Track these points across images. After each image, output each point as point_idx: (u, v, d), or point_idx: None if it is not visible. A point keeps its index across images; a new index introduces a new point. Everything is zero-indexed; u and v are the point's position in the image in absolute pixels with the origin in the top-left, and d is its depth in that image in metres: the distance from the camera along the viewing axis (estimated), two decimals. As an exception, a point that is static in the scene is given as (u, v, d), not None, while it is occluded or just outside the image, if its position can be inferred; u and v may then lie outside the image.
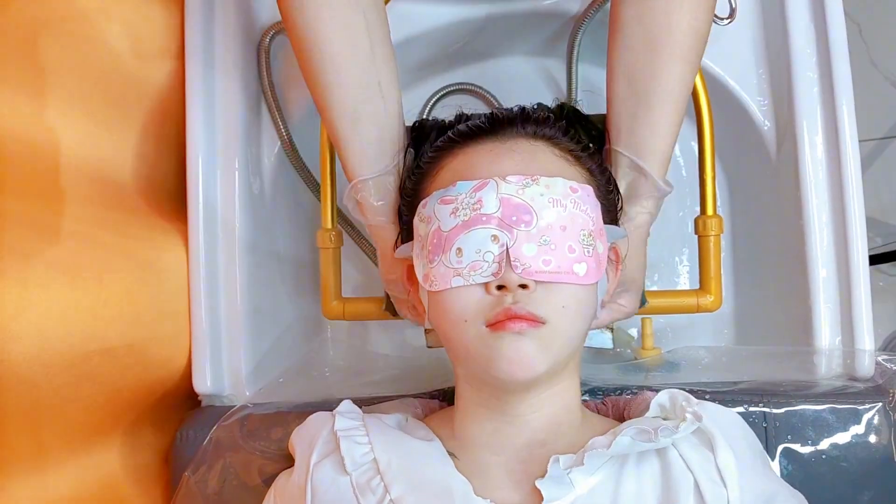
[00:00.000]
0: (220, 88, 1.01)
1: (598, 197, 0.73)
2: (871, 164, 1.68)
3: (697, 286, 0.96)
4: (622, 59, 0.79)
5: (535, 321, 0.65)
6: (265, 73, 1.05)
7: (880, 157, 1.69)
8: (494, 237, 0.67)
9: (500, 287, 0.66)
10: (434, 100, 1.19)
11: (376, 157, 0.81)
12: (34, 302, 0.68)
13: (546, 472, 0.66)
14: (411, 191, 0.78)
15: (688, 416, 0.70)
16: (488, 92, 1.18)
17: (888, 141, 1.68)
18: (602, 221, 0.72)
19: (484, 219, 0.67)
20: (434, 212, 0.71)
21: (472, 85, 1.19)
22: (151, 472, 0.93)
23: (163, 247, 0.94)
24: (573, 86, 1.10)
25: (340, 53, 0.77)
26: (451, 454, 0.72)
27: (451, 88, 1.19)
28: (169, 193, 1.00)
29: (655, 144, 0.79)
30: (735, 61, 1.03)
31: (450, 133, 0.76)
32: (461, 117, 0.83)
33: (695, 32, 0.78)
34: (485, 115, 0.77)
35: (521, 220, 0.67)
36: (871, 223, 1.63)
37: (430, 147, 0.79)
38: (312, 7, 0.76)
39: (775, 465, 0.81)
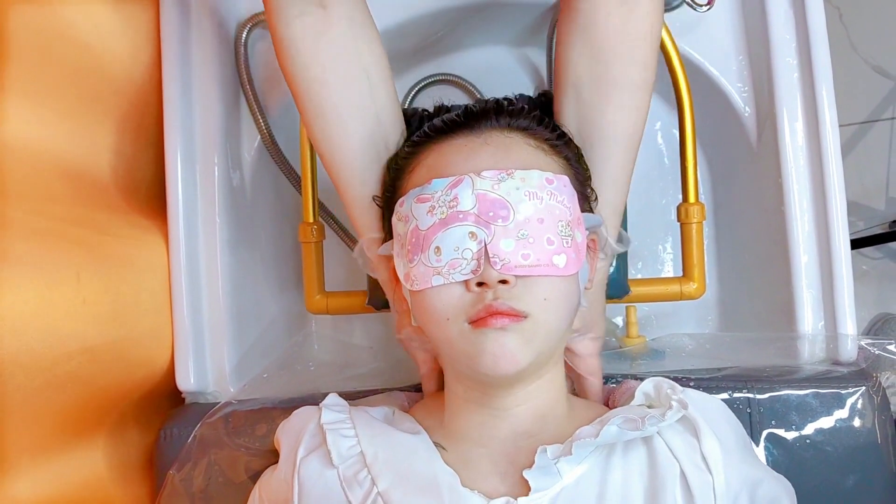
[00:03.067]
0: (197, 83, 1.00)
1: (575, 186, 0.73)
2: (853, 148, 1.69)
3: (681, 274, 0.96)
4: (574, 105, 0.78)
5: (517, 316, 0.65)
6: (243, 67, 1.04)
7: (862, 141, 1.69)
8: (472, 234, 0.66)
9: (480, 284, 0.66)
10: (415, 91, 1.18)
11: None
12: (8, 302, 0.66)
13: (533, 462, 0.66)
14: (390, 187, 0.77)
15: (674, 403, 0.70)
16: (469, 82, 1.18)
17: (870, 125, 1.69)
18: (579, 210, 0.72)
19: (461, 216, 0.67)
20: (411, 210, 0.70)
21: (453, 75, 1.19)
22: (136, 471, 0.92)
23: (142, 244, 0.93)
24: (551, 75, 1.09)
25: (345, 113, 0.77)
26: (438, 446, 0.72)
27: (432, 79, 1.19)
28: (148, 190, 0.99)
29: (607, 195, 0.78)
30: (714, 48, 1.02)
31: (425, 128, 0.76)
32: (441, 109, 0.82)
33: (644, 82, 0.77)
34: (460, 109, 0.76)
35: (498, 215, 0.66)
36: (854, 207, 1.64)
37: (406, 142, 0.78)
38: (316, 68, 0.76)
39: (760, 451, 0.82)
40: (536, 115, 0.75)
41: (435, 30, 1.13)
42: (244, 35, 1.03)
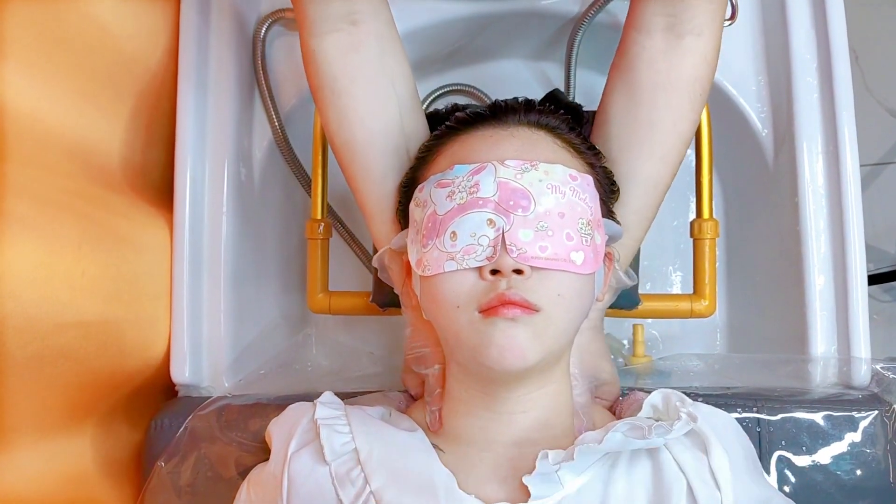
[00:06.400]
0: (213, 76, 1.00)
1: (598, 189, 0.72)
2: (866, 190, 1.67)
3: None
4: (603, 145, 0.78)
5: (529, 308, 0.63)
6: (260, 63, 1.04)
7: (874, 183, 1.68)
8: (490, 221, 0.65)
9: (494, 272, 0.64)
10: (430, 100, 1.18)
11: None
12: (6, 262, 0.65)
13: (534, 468, 0.63)
14: (409, 180, 0.76)
15: (682, 415, 0.68)
16: (485, 94, 1.18)
17: (882, 167, 1.69)
18: (600, 213, 0.70)
19: (480, 202, 0.66)
20: (430, 195, 0.69)
21: (469, 86, 1.18)
22: (124, 461, 0.90)
23: (146, 228, 0.92)
24: (571, 89, 1.09)
25: (371, 125, 0.77)
26: (435, 447, 0.69)
27: (448, 89, 1.19)
28: (156, 178, 0.99)
29: (625, 236, 0.78)
30: (734, 68, 1.02)
31: (448, 121, 0.75)
32: (455, 108, 0.82)
33: (678, 134, 0.77)
34: (476, 108, 0.76)
35: (519, 204, 0.65)
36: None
37: (429, 135, 0.78)
38: (344, 80, 0.76)
39: (769, 472, 0.79)
40: (567, 119, 0.74)
41: (454, 39, 1.13)
42: (263, 31, 1.03)
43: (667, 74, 0.75)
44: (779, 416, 0.81)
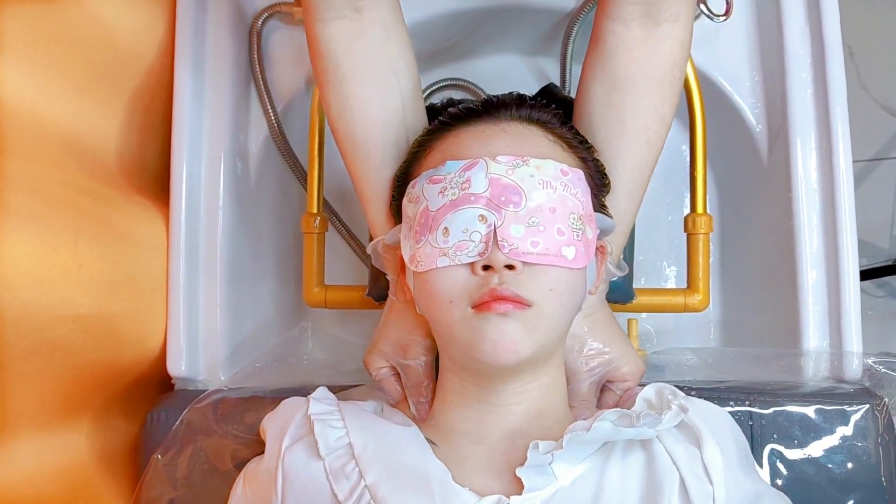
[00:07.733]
0: (209, 70, 1.00)
1: (589, 184, 0.72)
2: (860, 186, 1.69)
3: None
4: (587, 134, 0.78)
5: (521, 303, 0.64)
6: (256, 57, 1.04)
7: (868, 179, 1.69)
8: (482, 217, 0.65)
9: (486, 268, 0.65)
10: (426, 95, 1.18)
11: None
12: (3, 254, 0.65)
13: (527, 460, 0.64)
14: (403, 175, 0.77)
15: (673, 406, 0.68)
16: (481, 88, 1.18)
17: (877, 163, 1.69)
18: (592, 208, 0.71)
19: (472, 198, 0.66)
20: (423, 191, 0.69)
21: (466, 81, 1.19)
22: (121, 454, 0.90)
23: (143, 222, 0.92)
24: (566, 84, 1.09)
25: (373, 113, 0.78)
26: (429, 441, 0.70)
27: (445, 83, 1.19)
28: (152, 173, 0.99)
29: (616, 222, 0.78)
30: (729, 64, 1.03)
31: (441, 117, 0.75)
32: (451, 102, 0.82)
33: (661, 117, 0.78)
34: (471, 102, 0.76)
35: (510, 200, 0.66)
36: (858, 244, 1.64)
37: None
38: (347, 66, 0.76)
39: (761, 465, 0.80)
40: (559, 114, 0.74)
41: (450, 34, 1.13)
42: (259, 24, 1.04)
43: (646, 62, 0.76)
44: (771, 410, 0.81)
